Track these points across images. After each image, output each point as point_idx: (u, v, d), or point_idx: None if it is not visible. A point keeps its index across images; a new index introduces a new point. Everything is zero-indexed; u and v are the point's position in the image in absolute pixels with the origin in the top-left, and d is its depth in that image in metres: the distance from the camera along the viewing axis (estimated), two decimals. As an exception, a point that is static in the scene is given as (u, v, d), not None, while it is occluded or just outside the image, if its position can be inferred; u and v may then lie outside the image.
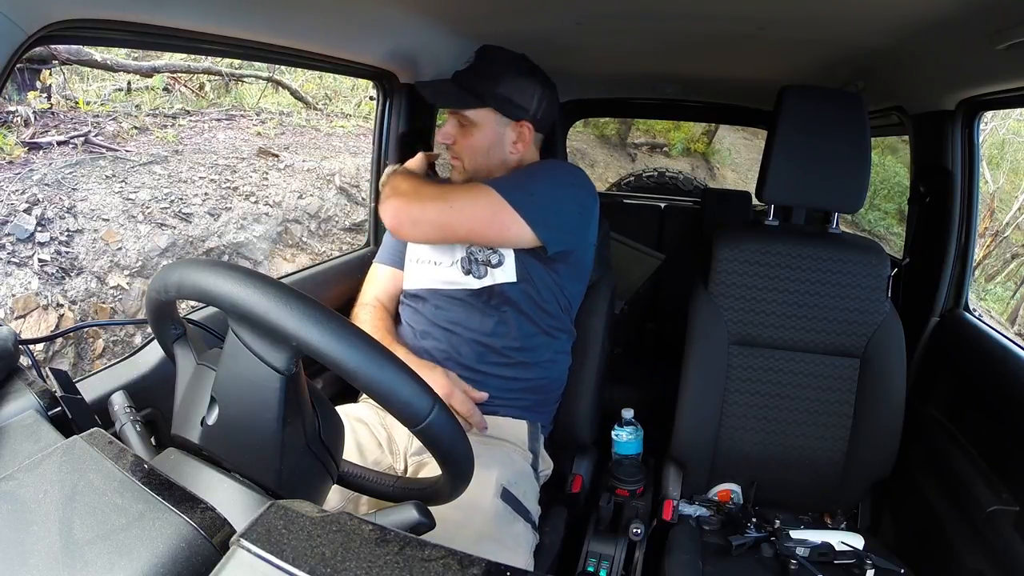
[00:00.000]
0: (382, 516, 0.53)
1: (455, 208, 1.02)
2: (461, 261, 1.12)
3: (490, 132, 1.11)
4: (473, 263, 1.11)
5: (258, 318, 0.46)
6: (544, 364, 1.14)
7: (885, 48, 1.23)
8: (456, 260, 1.13)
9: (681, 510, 1.26)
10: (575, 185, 1.11)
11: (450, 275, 1.13)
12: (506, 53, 1.13)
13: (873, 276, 1.22)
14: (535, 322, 1.11)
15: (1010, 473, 1.06)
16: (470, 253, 1.12)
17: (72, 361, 2.42)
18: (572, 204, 1.09)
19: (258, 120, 4.50)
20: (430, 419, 0.47)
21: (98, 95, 3.90)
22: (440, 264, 1.14)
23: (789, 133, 1.21)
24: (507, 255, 1.10)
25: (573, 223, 1.09)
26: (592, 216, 1.13)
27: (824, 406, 1.25)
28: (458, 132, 1.12)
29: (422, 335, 1.13)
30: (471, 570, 0.36)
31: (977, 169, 1.37)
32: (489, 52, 1.12)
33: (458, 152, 1.13)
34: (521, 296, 1.10)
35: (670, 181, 3.73)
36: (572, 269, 1.13)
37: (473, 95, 1.08)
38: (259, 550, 0.35)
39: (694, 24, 1.27)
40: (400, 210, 1.04)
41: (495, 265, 1.10)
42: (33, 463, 0.43)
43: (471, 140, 1.11)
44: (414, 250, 1.19)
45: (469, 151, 1.12)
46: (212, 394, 0.51)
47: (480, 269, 1.11)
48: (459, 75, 1.11)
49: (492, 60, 1.11)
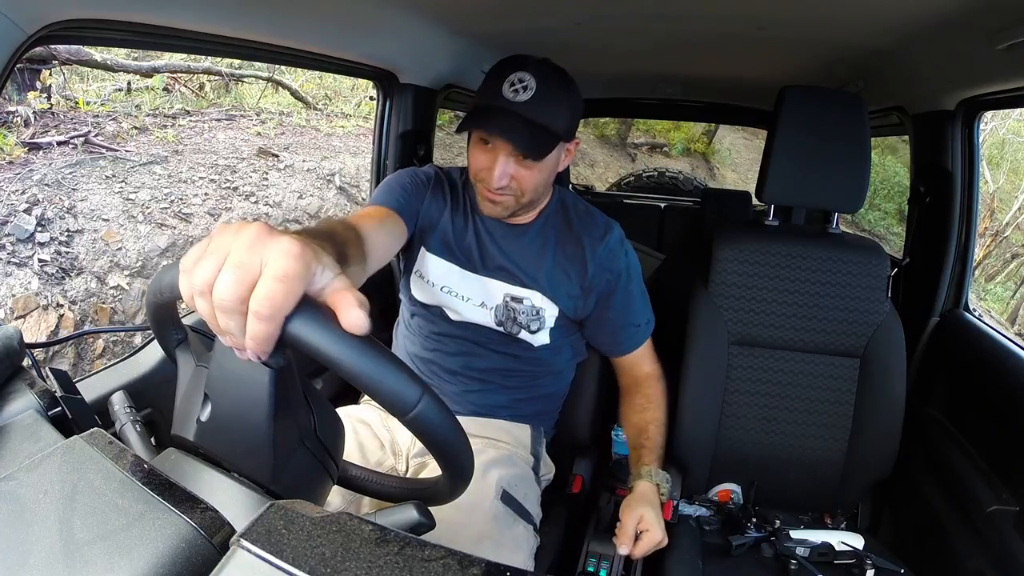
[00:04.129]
0: (382, 516, 0.53)
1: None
2: (496, 310, 1.06)
3: (553, 162, 1.00)
4: (508, 320, 1.06)
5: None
6: (552, 379, 1.15)
7: (885, 48, 1.23)
8: (492, 308, 1.06)
9: (681, 510, 1.26)
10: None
11: (478, 316, 1.07)
12: (559, 71, 0.97)
13: (873, 276, 1.22)
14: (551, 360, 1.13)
15: (1010, 473, 1.06)
16: (511, 311, 1.05)
17: (72, 361, 2.42)
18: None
19: (258, 120, 4.50)
20: (419, 408, 0.47)
21: (98, 95, 3.90)
22: (469, 301, 1.07)
23: (789, 133, 1.21)
24: (546, 324, 1.06)
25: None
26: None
27: (824, 406, 1.25)
28: (517, 168, 0.96)
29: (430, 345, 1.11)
30: (471, 570, 0.36)
31: (977, 169, 1.37)
32: (547, 73, 0.94)
33: (514, 190, 0.98)
34: (545, 351, 1.09)
35: (670, 181, 3.74)
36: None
37: (548, 133, 0.94)
38: (259, 550, 0.35)
39: (694, 24, 1.27)
40: None
41: (532, 331, 1.06)
42: (33, 463, 0.43)
43: (533, 174, 0.97)
44: (442, 277, 1.07)
45: (530, 185, 0.98)
46: (205, 391, 0.52)
47: (514, 327, 1.06)
48: (524, 108, 0.92)
49: (553, 84, 0.95)
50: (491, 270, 1.06)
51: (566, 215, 1.10)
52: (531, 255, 1.06)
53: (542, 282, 1.05)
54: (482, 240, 1.07)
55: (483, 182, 0.98)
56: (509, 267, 1.06)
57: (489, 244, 1.07)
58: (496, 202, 0.99)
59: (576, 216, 1.10)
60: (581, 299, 1.07)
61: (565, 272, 1.06)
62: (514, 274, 1.06)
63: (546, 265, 1.06)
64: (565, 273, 1.06)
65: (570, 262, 1.06)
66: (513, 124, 0.92)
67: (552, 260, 1.06)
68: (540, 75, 0.93)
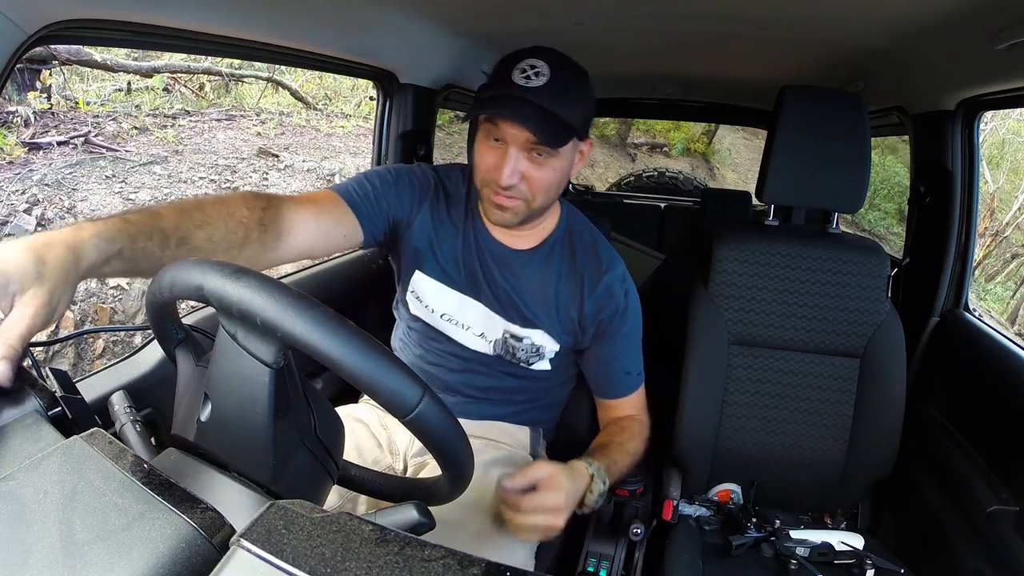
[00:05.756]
0: (382, 516, 0.53)
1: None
2: (495, 343, 1.01)
3: (567, 161, 0.91)
4: (507, 353, 1.01)
5: (242, 309, 0.46)
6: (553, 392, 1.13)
7: (885, 48, 1.23)
8: (491, 341, 1.01)
9: (681, 510, 1.26)
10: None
11: (477, 345, 1.02)
12: (573, 63, 0.89)
13: (873, 276, 1.22)
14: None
15: (1010, 473, 1.06)
16: (510, 347, 1.00)
17: (72, 361, 2.42)
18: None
19: (258, 120, 4.50)
20: (419, 409, 0.47)
21: (98, 95, 3.90)
22: (469, 330, 1.01)
23: (789, 133, 1.21)
24: (546, 357, 1.02)
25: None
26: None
27: (824, 406, 1.25)
28: (528, 165, 0.88)
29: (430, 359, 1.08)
30: (471, 570, 0.36)
31: (977, 169, 1.37)
32: (562, 63, 0.87)
33: (525, 192, 0.90)
34: (545, 373, 1.06)
35: (670, 181, 3.74)
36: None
37: (562, 124, 0.86)
38: (259, 550, 0.35)
39: (694, 24, 1.27)
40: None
41: (529, 365, 1.03)
42: (33, 463, 0.43)
43: (546, 173, 0.89)
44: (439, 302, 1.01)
45: (542, 187, 0.90)
46: (204, 391, 0.52)
47: (513, 359, 1.02)
48: (537, 95, 0.84)
49: (568, 74, 0.88)
50: (493, 301, 1.01)
51: (571, 244, 1.03)
52: (535, 287, 1.00)
53: (543, 319, 1.01)
54: (487, 265, 1.00)
55: (491, 184, 0.90)
56: (513, 299, 1.00)
57: (494, 270, 1.00)
58: (505, 207, 0.91)
59: (580, 247, 1.02)
60: (580, 336, 1.03)
61: (566, 309, 1.01)
62: (517, 310, 1.01)
63: (548, 300, 1.01)
64: (565, 310, 1.01)
65: (570, 298, 1.01)
66: (525, 110, 0.83)
67: (554, 294, 1.01)
68: (554, 63, 0.86)
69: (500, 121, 0.86)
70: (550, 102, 0.84)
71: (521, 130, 0.84)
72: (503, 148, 0.88)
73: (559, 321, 1.01)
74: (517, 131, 0.85)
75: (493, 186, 0.90)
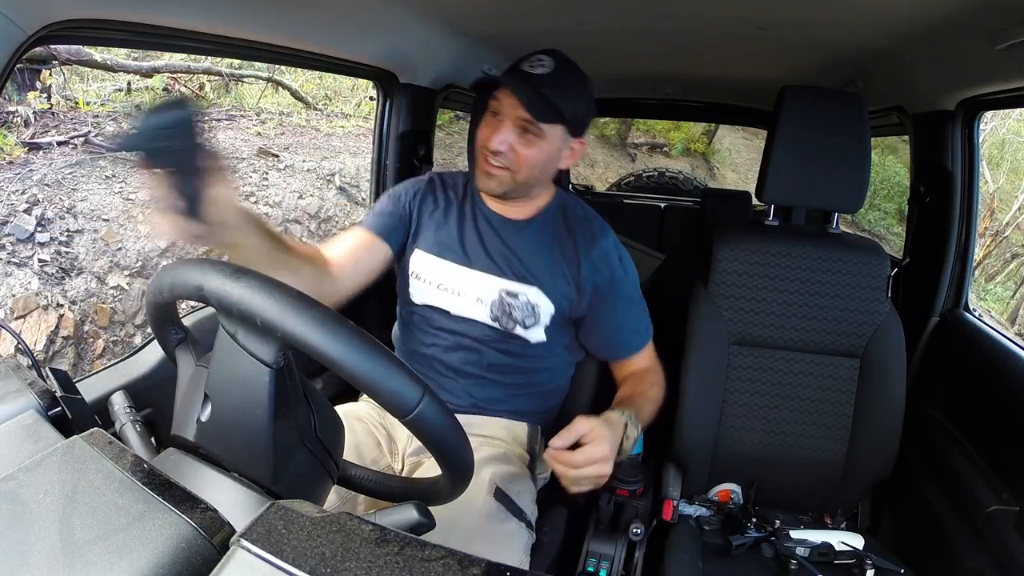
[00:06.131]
0: (382, 516, 0.53)
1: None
2: (492, 305, 1.06)
3: (554, 147, 1.01)
4: (504, 315, 1.06)
5: (242, 309, 0.46)
6: (550, 375, 1.14)
7: (885, 48, 1.23)
8: (487, 303, 1.06)
9: (681, 510, 1.26)
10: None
11: (474, 312, 1.07)
12: (576, 67, 1.02)
13: (873, 276, 1.22)
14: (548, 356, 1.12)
15: (1010, 473, 1.06)
16: (506, 305, 1.05)
17: (72, 361, 2.42)
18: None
19: (258, 120, 4.50)
20: (419, 409, 0.47)
21: (98, 95, 3.90)
22: (464, 296, 1.07)
23: (789, 133, 1.21)
24: (541, 321, 1.06)
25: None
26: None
27: (824, 406, 1.25)
28: (517, 140, 0.99)
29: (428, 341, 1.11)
30: (471, 570, 0.36)
31: (977, 169, 1.37)
32: (566, 62, 1.00)
33: (511, 162, 1.00)
34: (541, 347, 1.09)
35: (670, 181, 3.74)
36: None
37: (552, 107, 0.97)
38: (259, 550, 0.35)
39: (694, 24, 1.27)
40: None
41: (527, 326, 1.07)
42: (33, 463, 0.43)
43: (532, 152, 1.00)
44: (437, 273, 1.08)
45: (527, 163, 1.00)
46: (205, 391, 0.52)
47: (509, 323, 1.07)
48: (536, 80, 0.97)
49: (569, 71, 1.00)
50: (488, 263, 1.07)
51: (565, 217, 1.11)
52: (530, 248, 1.07)
53: (539, 276, 1.06)
54: (483, 232, 1.09)
55: (483, 152, 1.01)
56: (508, 256, 1.07)
57: (490, 235, 1.08)
58: (491, 174, 1.01)
59: (574, 218, 1.11)
60: (576, 299, 1.07)
61: (561, 271, 1.06)
62: (513, 268, 1.06)
63: (544, 261, 1.07)
64: (561, 272, 1.06)
65: (566, 262, 1.07)
66: (523, 86, 0.96)
67: (549, 256, 1.07)
68: (558, 61, 0.99)
69: (499, 93, 0.99)
70: (548, 89, 0.97)
71: (515, 103, 0.96)
72: (499, 122, 0.99)
73: (554, 283, 1.06)
74: (512, 103, 0.97)
75: (484, 152, 1.01)
